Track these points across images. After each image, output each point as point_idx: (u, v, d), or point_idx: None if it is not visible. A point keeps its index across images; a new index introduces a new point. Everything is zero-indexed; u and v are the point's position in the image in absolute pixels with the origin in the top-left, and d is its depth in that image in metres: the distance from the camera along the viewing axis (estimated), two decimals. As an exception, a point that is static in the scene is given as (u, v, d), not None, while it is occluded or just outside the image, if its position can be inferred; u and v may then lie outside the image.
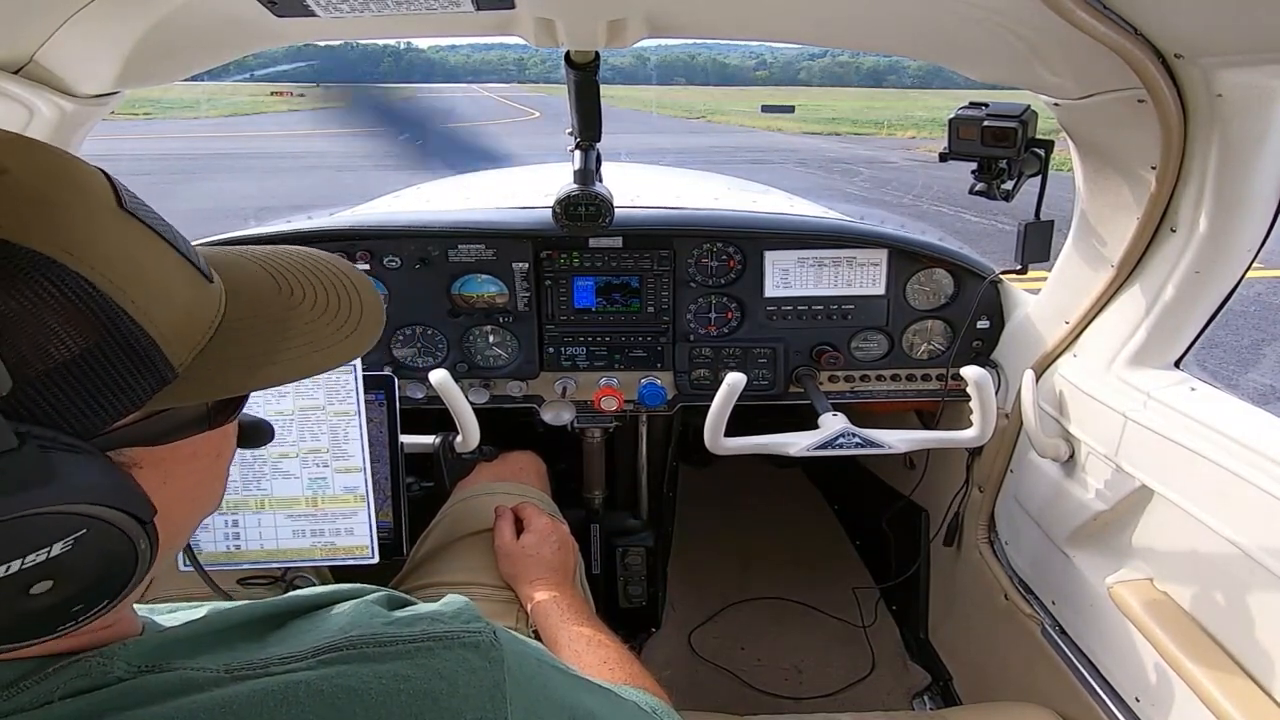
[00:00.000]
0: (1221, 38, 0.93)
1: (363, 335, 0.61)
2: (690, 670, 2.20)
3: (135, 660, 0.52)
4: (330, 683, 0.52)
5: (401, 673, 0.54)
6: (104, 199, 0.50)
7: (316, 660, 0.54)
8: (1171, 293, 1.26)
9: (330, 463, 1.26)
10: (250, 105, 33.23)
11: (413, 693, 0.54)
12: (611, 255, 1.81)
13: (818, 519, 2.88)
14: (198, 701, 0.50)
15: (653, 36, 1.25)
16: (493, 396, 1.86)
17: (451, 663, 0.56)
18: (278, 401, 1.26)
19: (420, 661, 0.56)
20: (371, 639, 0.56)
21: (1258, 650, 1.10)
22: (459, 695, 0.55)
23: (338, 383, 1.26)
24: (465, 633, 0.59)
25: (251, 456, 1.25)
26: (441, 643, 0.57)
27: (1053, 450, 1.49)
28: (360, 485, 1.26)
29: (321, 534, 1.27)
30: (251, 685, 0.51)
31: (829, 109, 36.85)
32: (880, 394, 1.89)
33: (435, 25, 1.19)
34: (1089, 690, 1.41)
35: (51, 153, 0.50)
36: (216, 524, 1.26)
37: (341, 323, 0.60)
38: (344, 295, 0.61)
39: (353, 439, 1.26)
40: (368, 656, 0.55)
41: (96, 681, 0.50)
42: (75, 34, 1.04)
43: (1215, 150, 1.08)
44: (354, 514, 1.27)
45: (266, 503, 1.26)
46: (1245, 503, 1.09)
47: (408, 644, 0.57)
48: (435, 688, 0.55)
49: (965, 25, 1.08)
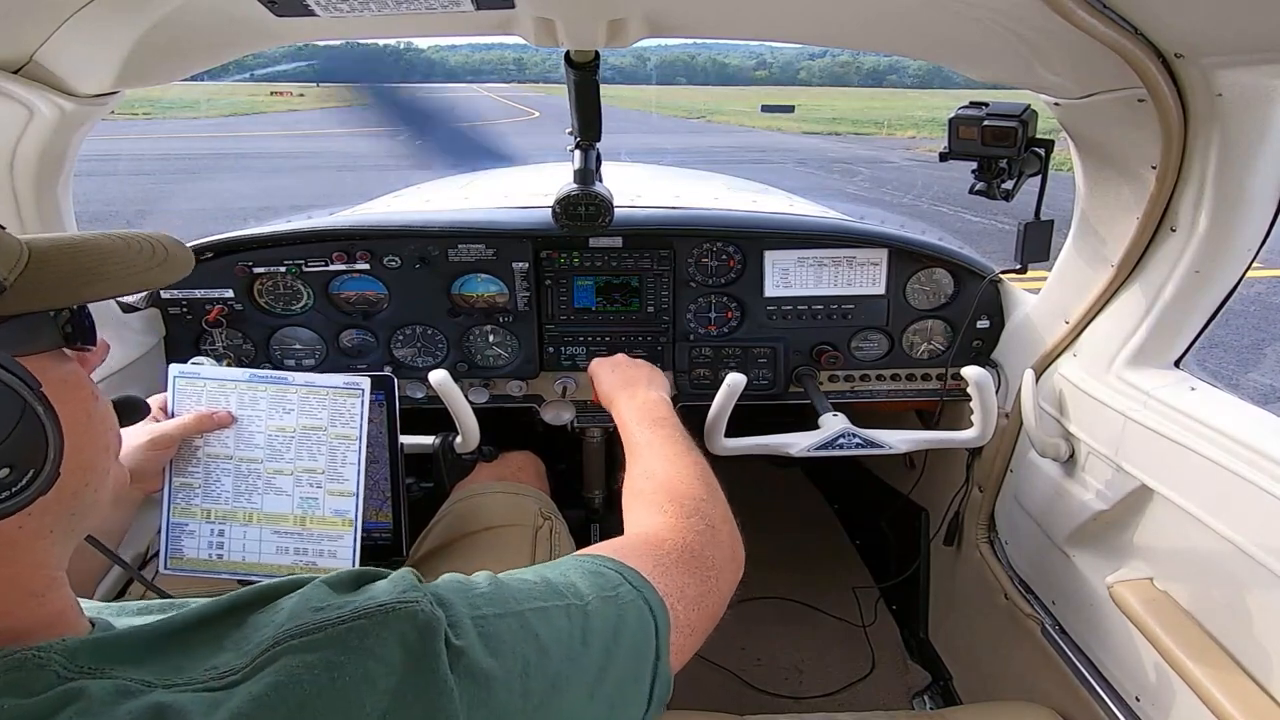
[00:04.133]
0: (1221, 38, 0.93)
1: (173, 264, 0.69)
2: (690, 670, 2.19)
3: (72, 661, 0.51)
4: (264, 684, 0.51)
5: (333, 660, 0.52)
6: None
7: (253, 668, 0.52)
8: (1171, 292, 1.26)
9: (324, 484, 1.26)
10: (250, 105, 33.25)
11: (347, 680, 0.51)
12: (611, 255, 1.81)
13: (818, 519, 2.88)
14: (131, 711, 0.48)
15: (653, 36, 1.25)
16: (493, 396, 1.86)
17: (386, 641, 0.54)
18: (280, 418, 1.25)
19: (352, 644, 0.53)
20: (299, 630, 0.54)
21: (1258, 650, 1.10)
22: (396, 674, 0.53)
23: (343, 406, 1.26)
24: (400, 603, 0.57)
25: (248, 469, 1.25)
26: (373, 619, 0.55)
27: (1053, 450, 1.49)
28: (350, 510, 1.25)
29: (305, 553, 1.26)
30: (188, 698, 0.50)
31: (829, 109, 36.88)
32: (880, 394, 1.89)
33: (435, 25, 1.19)
34: (1089, 690, 1.41)
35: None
36: (202, 531, 1.26)
37: (150, 257, 0.67)
38: (152, 243, 0.68)
39: (350, 463, 1.25)
40: (296, 649, 0.53)
41: (30, 677, 0.49)
42: (75, 34, 1.04)
43: (1215, 150, 1.08)
44: (340, 537, 1.26)
45: (255, 516, 1.26)
46: (1245, 503, 1.09)
47: (337, 626, 0.54)
48: (371, 670, 0.52)
49: (965, 25, 1.08)
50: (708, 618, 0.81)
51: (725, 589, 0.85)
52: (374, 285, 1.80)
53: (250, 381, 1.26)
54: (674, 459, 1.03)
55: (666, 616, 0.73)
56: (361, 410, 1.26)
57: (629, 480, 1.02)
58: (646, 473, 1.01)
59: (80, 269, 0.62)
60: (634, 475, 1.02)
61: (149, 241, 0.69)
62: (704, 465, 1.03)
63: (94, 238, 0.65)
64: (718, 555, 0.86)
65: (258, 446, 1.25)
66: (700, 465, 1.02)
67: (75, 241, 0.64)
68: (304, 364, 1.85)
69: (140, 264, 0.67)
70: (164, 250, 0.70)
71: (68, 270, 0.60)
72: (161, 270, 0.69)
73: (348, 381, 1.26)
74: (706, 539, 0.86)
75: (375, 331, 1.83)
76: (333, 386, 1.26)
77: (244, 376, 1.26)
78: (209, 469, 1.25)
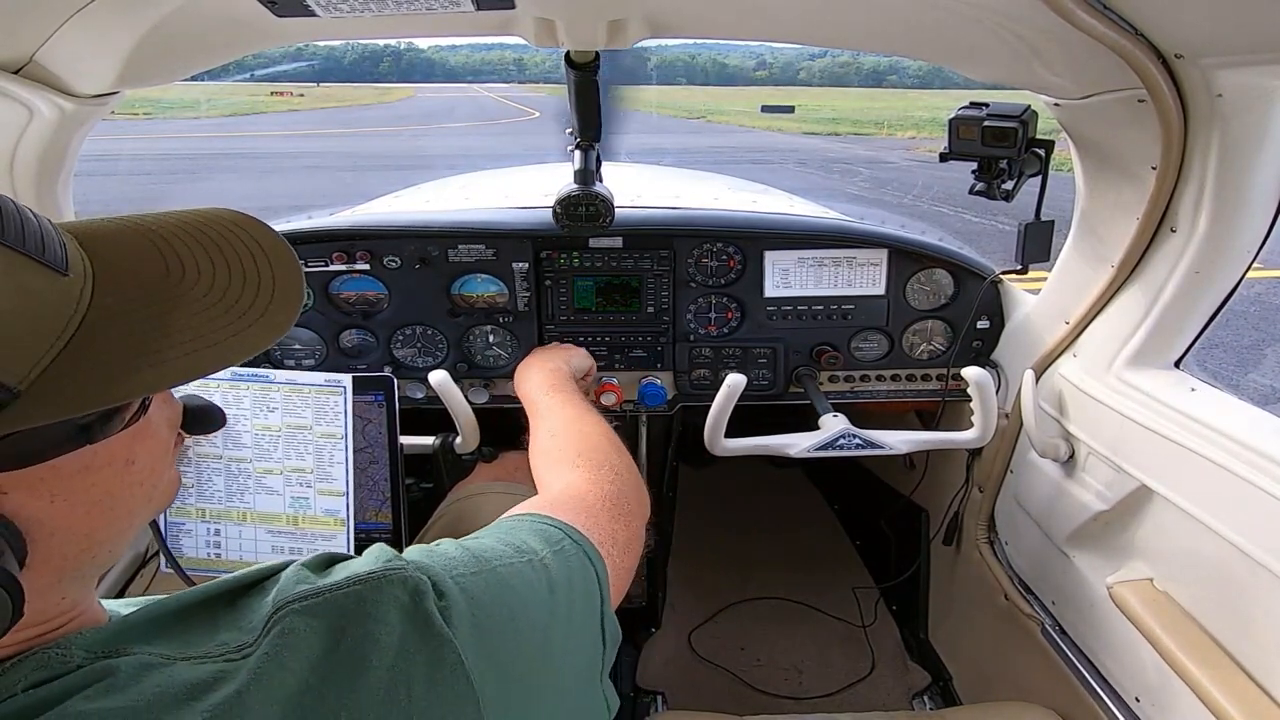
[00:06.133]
0: (1221, 38, 0.92)
1: (269, 325, 0.52)
2: (690, 670, 2.20)
3: (93, 647, 0.52)
4: (274, 644, 0.52)
5: (335, 624, 0.54)
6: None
7: (263, 634, 0.54)
8: (1171, 293, 1.26)
9: (314, 483, 1.26)
10: (250, 105, 33.26)
11: (351, 641, 0.54)
12: (611, 255, 1.80)
13: (818, 519, 2.88)
14: (159, 683, 0.49)
15: (653, 37, 1.25)
16: (492, 396, 1.86)
17: (382, 604, 0.56)
18: (265, 416, 1.25)
19: (350, 608, 0.56)
20: (298, 595, 0.56)
21: (1258, 650, 1.10)
22: (396, 632, 0.55)
23: (326, 404, 1.26)
24: (389, 570, 0.59)
25: (237, 469, 1.25)
26: (368, 584, 0.57)
27: (1053, 450, 1.49)
28: (341, 510, 1.26)
29: (299, 552, 1.27)
30: (209, 669, 0.51)
31: (829, 109, 36.89)
32: (880, 394, 1.89)
33: (435, 25, 1.18)
34: (1089, 690, 1.41)
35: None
36: (199, 530, 1.26)
37: (245, 308, 0.51)
38: (250, 271, 0.53)
39: (337, 462, 1.26)
40: (298, 612, 0.55)
41: (57, 670, 0.49)
42: (75, 34, 1.04)
43: (1215, 150, 1.08)
44: (333, 536, 1.26)
45: (249, 515, 1.26)
46: (1245, 503, 1.09)
47: (335, 592, 0.56)
48: (372, 630, 0.55)
49: (965, 25, 1.08)
50: (634, 559, 0.87)
51: (642, 532, 0.91)
52: (374, 285, 1.80)
53: (232, 380, 1.26)
54: (575, 419, 1.09)
55: (604, 564, 0.77)
56: (345, 408, 1.25)
57: (534, 442, 1.07)
58: (550, 431, 1.07)
59: (133, 346, 0.47)
60: (539, 436, 1.08)
61: (244, 260, 0.51)
62: (603, 422, 1.09)
63: (154, 258, 0.49)
64: (632, 500, 0.92)
65: (245, 446, 1.25)
66: (600, 422, 1.09)
67: (138, 273, 0.48)
68: (304, 364, 1.85)
69: (220, 327, 0.50)
70: (269, 291, 0.52)
71: (116, 352, 0.47)
72: (257, 331, 0.51)
73: (328, 379, 1.26)
74: (620, 487, 0.92)
75: (375, 332, 1.83)
76: (314, 384, 1.26)
77: (225, 375, 1.26)
78: (200, 468, 1.25)
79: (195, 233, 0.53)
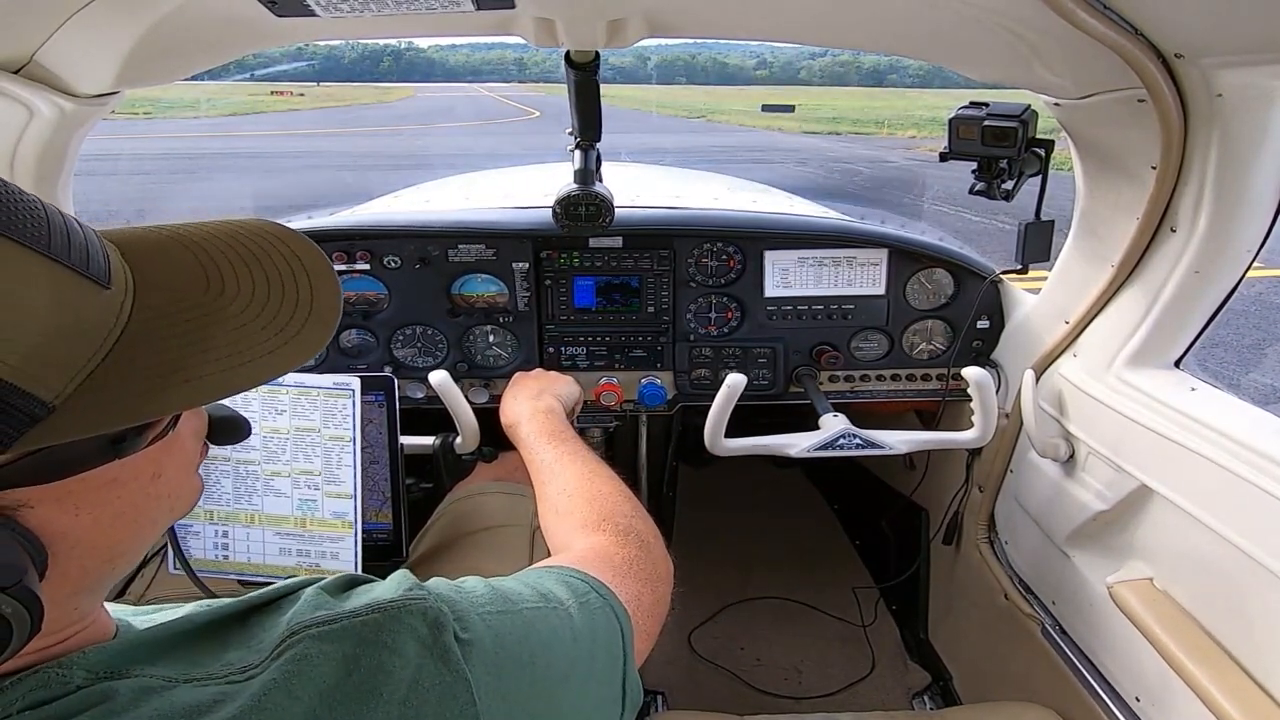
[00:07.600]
0: (1221, 38, 0.93)
1: (304, 343, 0.52)
2: (690, 670, 2.20)
3: (95, 668, 0.51)
4: (283, 670, 0.52)
5: (349, 653, 0.53)
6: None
7: (271, 658, 0.53)
8: (1171, 293, 1.26)
9: (322, 485, 1.26)
10: (250, 105, 33.26)
11: (364, 672, 0.53)
12: (611, 255, 1.81)
13: (818, 519, 2.88)
14: (158, 707, 0.49)
15: (653, 36, 1.25)
16: (493, 396, 1.86)
17: (399, 635, 0.55)
18: (274, 419, 1.25)
19: (367, 638, 0.54)
20: (314, 620, 0.55)
21: (1258, 650, 1.10)
22: (411, 665, 0.54)
23: (335, 407, 1.26)
24: (409, 600, 0.58)
25: (245, 471, 1.25)
26: (386, 613, 0.56)
27: (1052, 450, 1.49)
28: (349, 512, 1.26)
29: (307, 555, 1.27)
30: (211, 691, 0.51)
31: (829, 108, 36.89)
32: (880, 394, 1.89)
33: (435, 25, 1.19)
34: (1089, 690, 1.41)
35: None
36: (207, 532, 1.26)
37: (282, 324, 0.51)
38: (290, 287, 0.52)
39: (345, 465, 1.26)
40: (313, 638, 0.54)
41: (55, 692, 0.49)
42: (75, 34, 1.04)
43: (1215, 150, 1.08)
44: (341, 539, 1.26)
45: (256, 518, 1.26)
46: (1245, 503, 1.09)
47: (352, 619, 0.55)
48: (386, 662, 0.54)
49: (965, 25, 1.08)
50: (658, 624, 0.84)
51: (667, 598, 0.88)
52: (374, 285, 1.80)
53: None
54: (589, 477, 1.03)
55: (630, 622, 0.75)
56: (353, 411, 1.26)
57: (547, 500, 1.02)
58: (564, 491, 1.01)
59: (169, 362, 0.47)
60: (549, 494, 1.02)
61: (284, 274, 0.51)
62: (616, 478, 1.04)
63: (195, 272, 0.48)
64: (660, 566, 0.89)
65: (253, 448, 1.25)
66: (614, 478, 1.04)
67: (177, 287, 0.47)
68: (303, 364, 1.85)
69: (258, 343, 0.49)
70: (306, 308, 0.52)
71: (153, 367, 0.46)
72: (291, 349, 0.51)
73: (337, 382, 1.26)
74: (646, 554, 0.89)
75: (375, 331, 1.83)
76: (323, 387, 1.26)
77: None
78: (207, 470, 1.25)
79: (237, 245, 0.53)
